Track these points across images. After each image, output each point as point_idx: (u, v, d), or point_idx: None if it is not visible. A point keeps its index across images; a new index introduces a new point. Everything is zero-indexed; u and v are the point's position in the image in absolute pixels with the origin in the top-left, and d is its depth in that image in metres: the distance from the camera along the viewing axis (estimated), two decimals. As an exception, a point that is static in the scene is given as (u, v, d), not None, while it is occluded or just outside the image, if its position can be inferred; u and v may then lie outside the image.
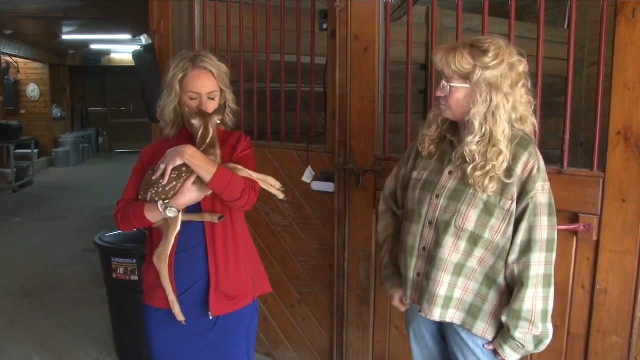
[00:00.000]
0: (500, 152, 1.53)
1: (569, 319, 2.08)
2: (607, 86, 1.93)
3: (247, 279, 1.89)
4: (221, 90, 1.85)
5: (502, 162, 1.53)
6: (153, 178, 1.72)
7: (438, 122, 1.71)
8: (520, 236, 1.56)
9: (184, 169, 1.69)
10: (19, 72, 11.23)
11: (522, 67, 1.57)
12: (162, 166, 1.69)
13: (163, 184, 1.69)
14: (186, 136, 1.84)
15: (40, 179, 9.94)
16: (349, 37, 2.56)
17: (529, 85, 1.60)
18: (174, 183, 1.70)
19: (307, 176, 2.78)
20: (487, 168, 1.53)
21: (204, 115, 1.75)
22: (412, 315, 1.85)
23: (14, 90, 11.00)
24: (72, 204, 7.76)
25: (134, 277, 2.85)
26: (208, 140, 1.74)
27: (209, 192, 1.74)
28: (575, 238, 2.02)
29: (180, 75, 1.79)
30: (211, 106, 1.80)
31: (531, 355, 2.15)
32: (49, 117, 11.95)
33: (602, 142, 1.95)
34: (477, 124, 1.54)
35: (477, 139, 1.55)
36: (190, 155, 1.66)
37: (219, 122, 1.85)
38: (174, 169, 1.69)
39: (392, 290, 1.90)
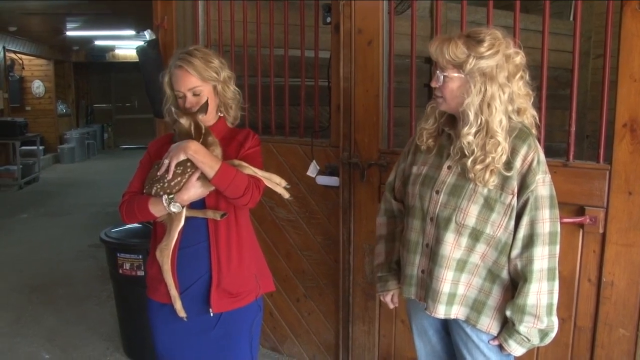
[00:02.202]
0: (498, 144, 1.51)
1: (576, 312, 2.08)
2: (613, 78, 1.92)
3: (250, 277, 1.89)
4: (214, 87, 1.83)
5: (501, 155, 1.51)
6: (158, 174, 1.72)
7: (435, 115, 1.69)
8: (522, 230, 1.55)
9: (188, 164, 1.69)
10: (23, 68, 11.25)
11: (519, 58, 1.54)
12: (166, 161, 1.69)
13: (168, 179, 1.70)
14: None
15: (45, 175, 9.97)
16: (352, 30, 2.55)
17: (528, 77, 1.58)
18: (179, 178, 1.70)
19: (312, 170, 2.78)
20: (487, 161, 1.51)
21: (188, 113, 1.75)
22: (415, 311, 1.84)
23: (19, 87, 11.01)
24: (78, 200, 7.79)
25: (140, 273, 2.86)
26: (203, 131, 1.74)
27: (214, 188, 1.73)
28: (581, 231, 2.01)
29: (167, 78, 1.83)
30: (197, 102, 1.79)
31: (537, 348, 2.15)
32: (54, 113, 11.95)
33: (608, 134, 1.94)
34: (472, 115, 1.52)
35: (473, 130, 1.52)
36: (193, 150, 1.66)
37: (226, 116, 1.87)
38: (178, 165, 1.68)
39: (383, 292, 1.90)
